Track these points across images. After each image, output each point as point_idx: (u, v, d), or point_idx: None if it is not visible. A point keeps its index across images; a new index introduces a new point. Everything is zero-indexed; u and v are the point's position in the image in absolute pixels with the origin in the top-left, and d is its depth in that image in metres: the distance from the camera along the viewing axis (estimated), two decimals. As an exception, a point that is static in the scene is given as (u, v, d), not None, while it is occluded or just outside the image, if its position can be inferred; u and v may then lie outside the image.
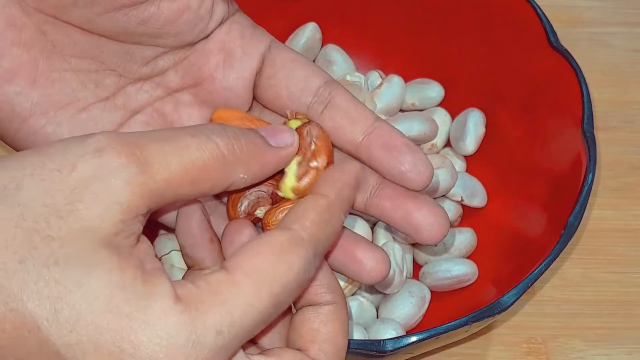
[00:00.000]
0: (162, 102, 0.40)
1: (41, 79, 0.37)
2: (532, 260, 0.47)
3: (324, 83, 0.40)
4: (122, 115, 0.39)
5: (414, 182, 0.38)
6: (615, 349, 0.55)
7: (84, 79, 0.38)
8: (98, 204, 0.29)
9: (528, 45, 0.54)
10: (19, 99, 0.37)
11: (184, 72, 0.41)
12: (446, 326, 0.44)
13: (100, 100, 0.39)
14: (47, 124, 0.38)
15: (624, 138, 0.63)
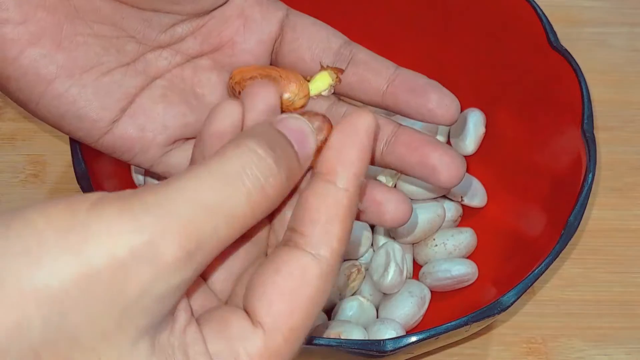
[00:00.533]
0: (182, 67, 0.41)
1: (65, 41, 0.38)
2: (532, 260, 0.47)
3: (343, 43, 0.42)
4: (143, 79, 0.40)
5: (442, 118, 0.40)
6: (615, 349, 0.55)
7: (106, 45, 0.39)
8: (148, 318, 0.27)
9: (528, 45, 0.54)
10: (44, 61, 0.37)
11: (203, 38, 0.41)
12: (446, 326, 0.44)
13: (122, 66, 0.39)
14: (72, 86, 0.38)
15: (624, 138, 0.63)
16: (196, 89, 0.40)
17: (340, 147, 0.31)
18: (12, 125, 0.61)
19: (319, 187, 0.31)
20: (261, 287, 0.29)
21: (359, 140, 0.31)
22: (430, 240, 0.55)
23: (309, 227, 0.30)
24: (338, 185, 0.30)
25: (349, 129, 0.31)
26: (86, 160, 0.47)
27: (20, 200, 0.58)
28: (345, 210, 0.30)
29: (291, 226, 0.31)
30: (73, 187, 0.48)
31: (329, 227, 0.30)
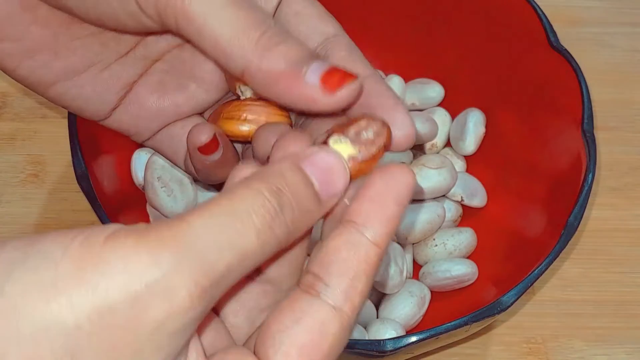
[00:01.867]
0: (181, 49, 0.40)
1: (62, 50, 0.38)
2: (532, 260, 0.47)
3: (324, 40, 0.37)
4: (142, 65, 0.40)
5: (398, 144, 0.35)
6: (615, 349, 0.55)
7: (105, 40, 0.39)
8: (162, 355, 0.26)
9: (528, 45, 0.54)
10: (42, 71, 0.38)
11: None
12: (446, 326, 0.44)
13: (121, 57, 0.39)
14: (72, 88, 0.39)
15: (624, 138, 0.63)
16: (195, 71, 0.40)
17: (381, 200, 0.30)
18: (12, 125, 0.61)
19: (352, 238, 0.30)
20: (277, 336, 0.29)
21: (400, 198, 0.30)
22: (430, 240, 0.55)
23: (335, 278, 0.29)
24: (371, 239, 0.30)
25: (392, 183, 0.30)
26: (86, 161, 0.47)
27: (20, 200, 0.58)
28: (373, 267, 0.30)
29: (314, 271, 0.30)
30: (73, 187, 0.48)
31: (355, 282, 0.29)
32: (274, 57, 0.32)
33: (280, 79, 0.32)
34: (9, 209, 0.58)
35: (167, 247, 0.26)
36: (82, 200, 0.46)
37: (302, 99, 0.31)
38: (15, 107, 0.62)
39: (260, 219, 0.28)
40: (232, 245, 0.27)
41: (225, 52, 0.32)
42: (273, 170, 0.29)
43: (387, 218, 0.30)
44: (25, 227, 0.57)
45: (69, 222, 0.57)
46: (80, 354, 0.25)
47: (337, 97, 0.31)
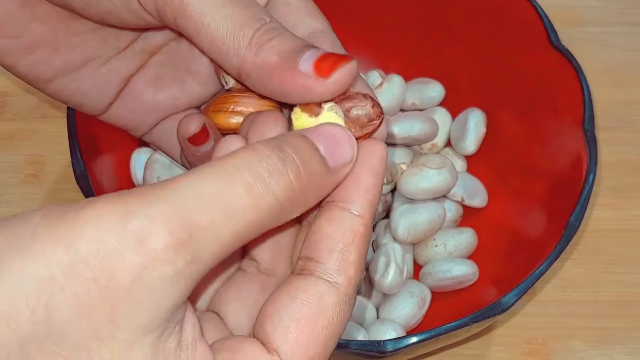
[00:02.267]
0: (178, 42, 0.40)
1: (62, 46, 0.38)
2: (533, 261, 0.47)
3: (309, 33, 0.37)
4: (140, 59, 0.40)
5: None
6: (615, 349, 0.55)
7: (104, 35, 0.39)
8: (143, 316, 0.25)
9: (529, 45, 0.54)
10: (42, 67, 0.38)
11: None
12: (447, 327, 0.44)
13: (119, 52, 0.39)
14: (71, 83, 0.39)
15: (624, 138, 0.63)
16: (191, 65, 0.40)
17: (355, 174, 0.30)
18: (11, 125, 0.61)
19: (334, 214, 0.29)
20: (276, 314, 0.28)
21: (374, 168, 0.30)
22: (431, 240, 0.55)
23: (325, 254, 0.29)
24: (353, 212, 0.30)
25: (363, 157, 0.30)
26: (85, 161, 0.47)
27: (20, 200, 0.58)
28: (361, 237, 0.30)
29: (304, 255, 0.30)
30: (72, 187, 0.48)
31: (345, 254, 0.29)
32: (267, 51, 0.31)
33: (274, 73, 0.31)
34: (8, 209, 0.58)
35: (142, 199, 0.25)
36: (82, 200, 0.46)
37: (297, 89, 0.31)
38: (15, 107, 0.62)
39: (252, 173, 0.27)
40: (217, 198, 0.26)
41: (221, 50, 0.32)
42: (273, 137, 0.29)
43: (364, 189, 0.30)
44: (25, 227, 0.57)
45: (68, 222, 0.57)
46: (55, 306, 0.24)
47: (331, 80, 0.31)
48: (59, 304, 0.24)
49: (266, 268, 0.33)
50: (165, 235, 0.25)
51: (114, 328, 0.25)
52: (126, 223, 0.25)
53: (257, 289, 0.32)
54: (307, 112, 0.31)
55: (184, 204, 0.26)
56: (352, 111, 0.31)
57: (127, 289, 0.25)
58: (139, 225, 0.25)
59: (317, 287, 0.29)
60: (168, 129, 0.40)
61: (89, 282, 0.25)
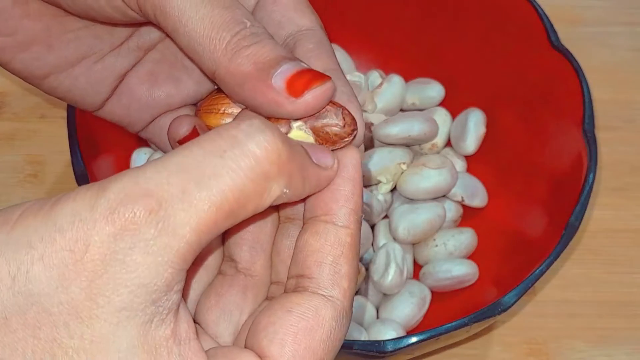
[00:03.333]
0: None
1: (56, 42, 0.38)
2: (533, 261, 0.47)
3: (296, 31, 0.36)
4: (135, 56, 0.40)
5: None
6: (616, 349, 0.55)
7: (98, 31, 0.39)
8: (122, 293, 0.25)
9: (529, 45, 0.54)
10: (36, 63, 0.38)
11: None
12: (447, 327, 0.44)
13: (114, 48, 0.39)
14: (66, 79, 0.38)
15: (624, 138, 0.63)
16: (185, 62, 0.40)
17: (332, 185, 0.30)
18: (11, 125, 0.61)
19: (318, 228, 0.29)
20: (271, 327, 0.28)
21: (349, 175, 0.30)
22: (431, 240, 0.55)
23: (316, 269, 0.29)
24: (337, 223, 0.29)
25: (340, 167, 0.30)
26: (85, 161, 0.47)
27: (19, 200, 0.58)
28: (350, 248, 0.29)
29: (295, 273, 0.29)
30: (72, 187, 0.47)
31: (336, 267, 0.29)
32: (242, 59, 0.31)
33: (246, 82, 0.30)
34: (7, 209, 0.58)
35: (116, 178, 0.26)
36: (81, 200, 0.46)
37: (267, 104, 0.30)
38: (14, 107, 0.62)
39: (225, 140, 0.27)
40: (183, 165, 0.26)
41: (197, 51, 0.31)
42: None
43: (344, 198, 0.30)
44: (24, 227, 0.57)
45: (68, 222, 0.57)
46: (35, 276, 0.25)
47: (302, 101, 0.30)
48: (39, 273, 0.25)
49: (245, 267, 0.32)
50: (133, 204, 0.25)
51: (93, 306, 0.25)
52: (99, 197, 0.25)
53: (236, 292, 0.32)
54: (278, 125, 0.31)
55: (153, 176, 0.26)
56: (323, 129, 0.31)
57: (102, 263, 0.25)
58: (110, 197, 0.25)
59: (312, 301, 0.28)
60: (163, 125, 0.40)
61: (66, 253, 0.25)
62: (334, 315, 0.28)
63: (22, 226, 0.25)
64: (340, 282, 0.29)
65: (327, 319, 0.28)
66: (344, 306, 0.29)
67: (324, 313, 0.28)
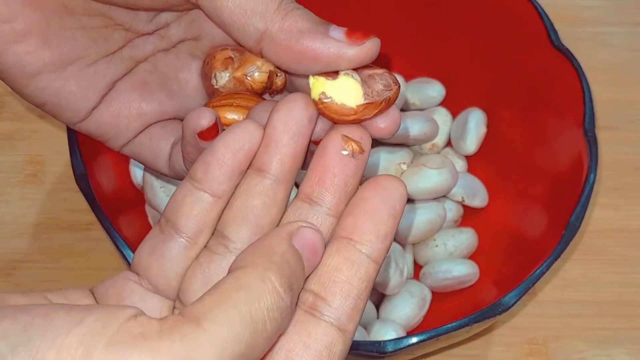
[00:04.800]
0: (166, 53, 0.40)
1: (53, 37, 0.37)
2: (534, 261, 0.47)
3: None
4: (127, 65, 0.39)
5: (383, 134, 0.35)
6: (616, 349, 0.55)
7: (94, 35, 0.38)
8: None
9: (529, 45, 0.54)
10: (29, 58, 0.37)
11: (186, 25, 0.41)
12: (447, 327, 0.44)
13: (108, 54, 0.39)
14: (56, 80, 0.38)
15: (625, 138, 0.63)
16: (179, 75, 0.40)
17: (377, 215, 0.30)
18: (10, 125, 0.61)
19: (352, 256, 0.30)
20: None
21: (395, 213, 0.30)
22: (431, 240, 0.55)
23: (339, 299, 0.29)
24: (369, 256, 0.30)
25: (386, 196, 0.30)
26: (85, 161, 0.47)
27: (19, 200, 0.58)
28: (372, 284, 0.30)
29: (315, 290, 0.29)
30: (72, 187, 0.48)
31: (358, 302, 0.29)
32: (296, 17, 0.32)
33: (303, 36, 0.32)
34: (7, 209, 0.58)
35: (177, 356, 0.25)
36: (81, 201, 0.46)
37: (327, 55, 0.32)
38: (14, 107, 0.62)
39: (273, 323, 0.27)
40: (245, 356, 0.26)
41: (246, 12, 0.33)
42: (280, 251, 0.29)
43: (384, 234, 0.30)
44: (24, 227, 0.57)
45: (67, 222, 0.57)
46: None
47: (365, 47, 0.32)
48: None
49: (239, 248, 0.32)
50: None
51: None
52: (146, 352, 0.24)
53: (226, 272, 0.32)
54: (324, 76, 0.32)
55: None
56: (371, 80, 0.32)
57: None
58: None
59: (328, 337, 0.29)
60: (151, 135, 0.40)
61: None
62: (343, 350, 0.29)
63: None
64: (356, 316, 0.29)
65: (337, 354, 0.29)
66: (351, 339, 0.29)
67: (336, 349, 0.29)
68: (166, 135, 0.40)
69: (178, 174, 0.40)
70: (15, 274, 0.55)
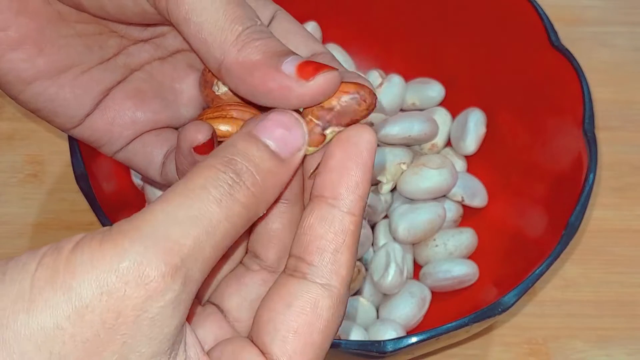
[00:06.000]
0: (162, 62, 0.40)
1: (47, 46, 0.37)
2: (533, 261, 0.47)
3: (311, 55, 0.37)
4: (122, 73, 0.39)
5: None
6: (616, 349, 0.55)
7: (89, 42, 0.38)
8: (151, 345, 0.26)
9: (529, 45, 0.54)
10: (24, 65, 0.37)
11: None
12: (447, 327, 0.44)
13: (102, 62, 0.39)
14: (51, 87, 0.38)
15: (625, 138, 0.63)
16: (174, 85, 0.40)
17: (343, 168, 0.30)
18: (10, 124, 0.61)
19: (324, 213, 0.30)
20: (272, 324, 0.29)
21: (363, 161, 0.30)
22: (431, 240, 0.55)
23: (317, 256, 0.29)
24: (343, 209, 0.30)
25: (351, 148, 0.30)
26: (85, 161, 0.47)
27: (19, 200, 0.58)
28: (352, 236, 0.30)
29: (296, 254, 0.30)
30: (72, 187, 0.48)
31: (337, 255, 0.29)
32: (251, 49, 0.31)
33: (255, 70, 0.31)
34: (7, 209, 0.58)
35: (128, 236, 0.26)
36: (81, 200, 0.46)
37: (277, 90, 0.31)
38: (14, 107, 0.62)
39: (217, 189, 0.28)
40: (194, 219, 0.27)
41: (206, 41, 0.32)
42: (223, 145, 0.30)
43: (354, 184, 0.30)
44: (24, 227, 0.57)
45: (67, 222, 0.57)
46: (68, 354, 0.25)
47: (313, 83, 0.30)
48: (71, 351, 0.25)
49: (270, 265, 0.33)
50: (160, 265, 0.26)
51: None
52: (120, 262, 0.26)
53: (259, 284, 0.33)
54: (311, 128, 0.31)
55: (168, 232, 0.27)
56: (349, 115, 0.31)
57: (134, 324, 0.26)
58: (134, 261, 0.26)
59: (311, 293, 0.29)
60: (144, 142, 0.40)
61: (98, 325, 0.25)
62: (331, 305, 0.29)
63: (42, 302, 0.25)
64: (339, 270, 0.29)
65: (324, 309, 0.29)
66: (340, 294, 0.29)
67: (321, 304, 0.29)
68: (159, 143, 0.40)
69: (170, 183, 0.40)
70: (15, 274, 0.55)
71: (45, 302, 0.25)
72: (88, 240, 0.26)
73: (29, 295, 0.25)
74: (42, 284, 0.25)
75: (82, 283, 0.25)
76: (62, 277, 0.26)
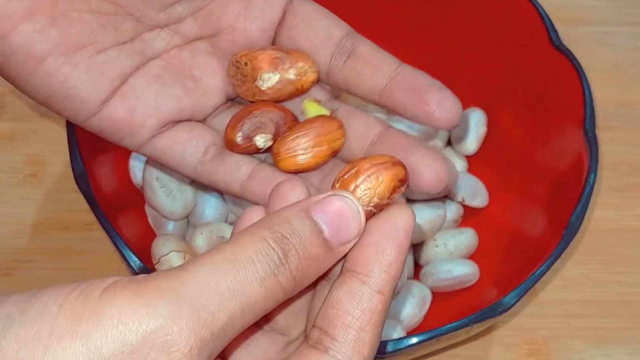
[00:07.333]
0: (180, 49, 0.39)
1: (60, 17, 0.36)
2: (534, 261, 0.47)
3: (346, 34, 0.40)
4: (139, 59, 0.38)
5: (441, 121, 0.37)
6: (616, 349, 0.55)
7: (103, 22, 0.37)
8: None
9: (530, 45, 0.54)
10: (37, 37, 0.36)
11: (203, 21, 0.40)
12: (447, 327, 0.44)
13: (118, 44, 0.38)
14: (64, 65, 0.37)
15: (625, 138, 0.63)
16: (194, 72, 0.39)
17: (379, 246, 0.29)
18: (10, 124, 0.61)
19: (354, 288, 0.29)
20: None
21: (399, 242, 0.29)
22: (431, 240, 0.55)
23: (341, 332, 0.29)
24: (373, 288, 0.29)
25: (389, 227, 0.29)
26: (85, 161, 0.47)
27: (19, 200, 0.58)
28: (379, 315, 0.29)
29: (320, 326, 0.29)
30: (72, 187, 0.48)
31: (362, 334, 0.29)
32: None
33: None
34: (7, 209, 0.58)
35: (165, 297, 0.25)
36: (81, 201, 0.46)
37: None
38: (14, 107, 0.62)
39: (264, 267, 0.27)
40: (235, 295, 0.26)
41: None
42: (279, 217, 0.29)
43: (387, 264, 0.29)
44: (24, 227, 0.57)
45: (67, 222, 0.57)
46: None
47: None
48: None
49: (279, 329, 0.32)
50: (190, 336, 0.25)
51: None
52: (149, 322, 0.25)
53: (267, 342, 0.32)
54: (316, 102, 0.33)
55: (204, 302, 0.26)
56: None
57: None
58: (164, 326, 0.25)
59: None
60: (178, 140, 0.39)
61: None
62: None
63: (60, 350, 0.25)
64: (362, 349, 0.29)
65: None
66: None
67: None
68: (193, 142, 0.39)
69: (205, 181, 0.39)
70: (15, 274, 0.55)
71: (62, 350, 0.24)
72: (119, 290, 0.25)
73: (47, 341, 0.25)
74: (62, 331, 0.25)
75: (104, 337, 0.25)
76: (85, 327, 0.25)
